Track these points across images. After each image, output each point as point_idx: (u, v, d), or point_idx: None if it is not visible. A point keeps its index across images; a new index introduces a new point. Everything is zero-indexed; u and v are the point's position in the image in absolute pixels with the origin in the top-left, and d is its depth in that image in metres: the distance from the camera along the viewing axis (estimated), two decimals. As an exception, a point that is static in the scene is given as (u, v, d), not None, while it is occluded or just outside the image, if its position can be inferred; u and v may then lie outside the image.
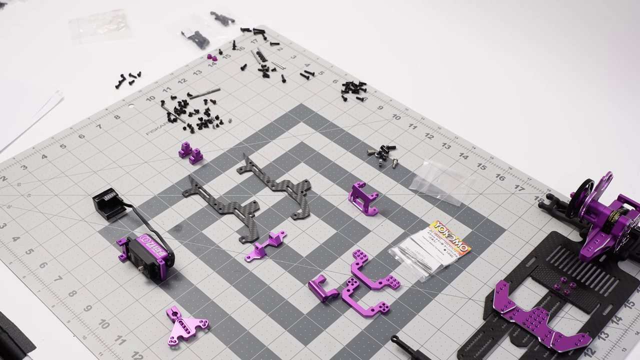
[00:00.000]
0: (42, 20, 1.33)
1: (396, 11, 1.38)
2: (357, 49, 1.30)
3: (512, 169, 1.07)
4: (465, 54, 1.29)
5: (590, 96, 1.20)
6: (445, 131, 1.13)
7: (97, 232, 0.97)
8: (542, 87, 1.22)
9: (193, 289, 0.91)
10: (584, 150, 1.12)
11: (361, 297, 0.91)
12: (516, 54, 1.27)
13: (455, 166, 1.07)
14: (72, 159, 1.07)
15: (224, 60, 1.25)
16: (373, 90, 1.20)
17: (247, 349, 0.85)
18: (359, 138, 1.11)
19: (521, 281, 0.93)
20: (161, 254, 0.90)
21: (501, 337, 0.87)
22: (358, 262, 0.94)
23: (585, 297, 0.91)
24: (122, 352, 0.84)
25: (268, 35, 1.30)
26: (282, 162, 1.07)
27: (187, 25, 1.32)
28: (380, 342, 0.86)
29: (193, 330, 0.86)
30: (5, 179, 1.03)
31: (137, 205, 1.00)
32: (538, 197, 1.03)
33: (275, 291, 0.91)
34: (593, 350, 0.86)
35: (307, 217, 1.00)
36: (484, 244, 0.97)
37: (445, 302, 0.90)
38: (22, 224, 0.98)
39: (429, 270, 0.93)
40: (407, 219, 1.00)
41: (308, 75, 1.22)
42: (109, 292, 0.90)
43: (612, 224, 0.91)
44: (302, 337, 0.87)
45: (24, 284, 0.91)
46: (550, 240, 0.97)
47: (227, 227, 0.98)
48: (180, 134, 1.11)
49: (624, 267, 0.94)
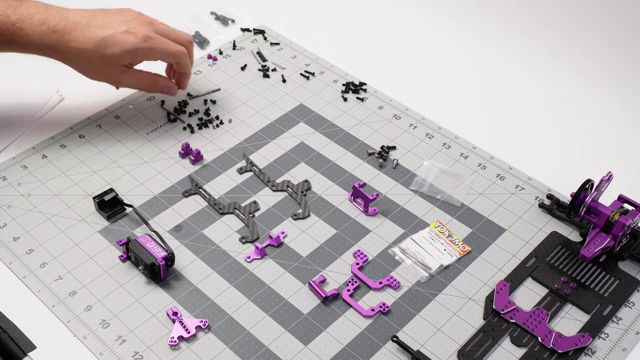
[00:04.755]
0: (42, 20, 1.33)
1: (396, 11, 1.38)
2: (357, 49, 1.30)
3: (512, 169, 1.07)
4: (466, 54, 1.29)
5: (591, 96, 1.20)
6: (445, 131, 1.13)
7: (97, 232, 0.97)
8: (542, 87, 1.22)
9: (193, 289, 0.91)
10: (584, 150, 1.12)
11: (361, 297, 0.91)
12: (516, 54, 1.27)
13: (455, 166, 1.07)
14: (72, 159, 1.07)
15: (224, 60, 1.25)
16: (373, 90, 1.20)
17: (247, 349, 0.85)
18: (359, 138, 1.11)
19: (521, 281, 0.93)
20: (161, 254, 0.90)
21: (501, 337, 0.87)
22: (358, 262, 0.94)
23: (585, 297, 0.91)
24: (122, 352, 0.84)
25: (268, 35, 1.31)
26: (282, 162, 1.07)
27: (187, 25, 1.32)
28: (381, 342, 0.86)
29: (193, 330, 0.86)
30: (5, 179, 1.03)
31: (137, 205, 1.00)
32: (538, 197, 1.03)
33: (275, 291, 0.91)
34: (593, 350, 0.86)
35: (307, 217, 1.00)
36: (484, 244, 0.97)
37: (446, 302, 0.90)
38: (22, 224, 0.98)
39: (429, 270, 0.93)
40: (407, 219, 1.00)
41: (308, 75, 1.22)
42: (109, 292, 0.90)
43: (612, 224, 0.91)
44: (302, 337, 0.87)
45: (24, 284, 0.91)
46: (550, 240, 0.97)
47: (227, 227, 0.98)
48: (180, 134, 1.11)
49: (624, 267, 0.94)
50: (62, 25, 0.99)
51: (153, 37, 1.02)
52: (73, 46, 1.00)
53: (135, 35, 1.01)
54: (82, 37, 0.99)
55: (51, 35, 0.99)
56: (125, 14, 1.04)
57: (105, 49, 1.00)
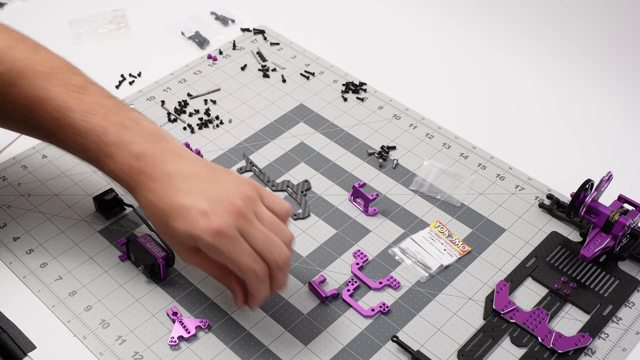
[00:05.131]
0: (42, 21, 1.33)
1: (396, 11, 1.38)
2: (357, 49, 1.30)
3: (512, 169, 1.07)
4: (466, 54, 1.29)
5: (591, 96, 1.20)
6: (445, 131, 1.13)
7: (97, 232, 0.97)
8: (542, 87, 1.22)
9: (193, 289, 0.91)
10: (584, 150, 1.12)
11: (361, 297, 0.91)
12: (516, 54, 1.27)
13: (455, 166, 1.07)
14: (72, 159, 1.06)
15: (224, 60, 1.25)
16: (373, 90, 1.20)
17: (247, 349, 0.85)
18: (359, 138, 1.11)
19: (521, 281, 0.93)
20: (161, 254, 0.90)
21: (501, 337, 0.87)
22: (358, 262, 0.94)
23: (585, 297, 0.91)
24: (122, 352, 0.84)
25: (268, 35, 1.31)
26: (282, 162, 1.07)
27: (187, 25, 1.32)
28: (381, 342, 0.86)
29: (193, 330, 0.86)
30: (5, 179, 1.03)
31: (137, 205, 1.00)
32: (538, 197, 1.03)
33: (275, 291, 0.91)
34: (593, 350, 0.86)
35: (307, 217, 1.00)
36: (484, 244, 0.97)
37: (446, 302, 0.90)
38: (22, 224, 0.98)
39: (429, 270, 0.93)
40: (407, 219, 1.00)
41: (308, 75, 1.22)
42: (109, 292, 0.90)
43: (612, 224, 0.91)
44: (302, 337, 0.87)
45: (24, 284, 0.91)
46: (550, 240, 0.97)
47: (227, 227, 0.98)
48: (180, 134, 1.11)
49: (624, 267, 0.94)
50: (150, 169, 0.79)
51: (228, 236, 0.76)
52: (146, 197, 0.79)
53: (209, 222, 0.75)
54: (161, 193, 0.78)
55: (135, 174, 0.79)
56: (236, 183, 0.80)
57: (169, 220, 0.77)
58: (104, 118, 0.80)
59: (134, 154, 0.79)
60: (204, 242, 0.76)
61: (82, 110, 0.80)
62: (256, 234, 0.77)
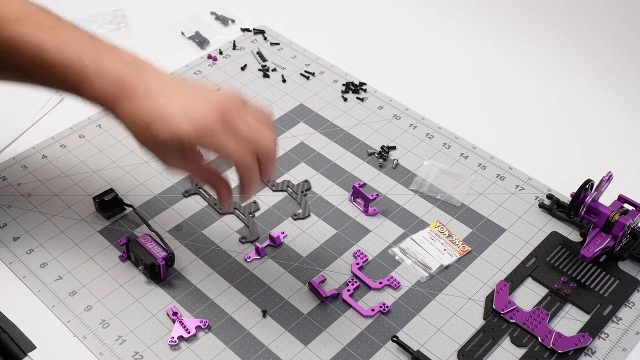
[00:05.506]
0: (42, 20, 1.33)
1: (396, 11, 1.38)
2: (357, 49, 1.30)
3: (512, 169, 1.07)
4: (466, 54, 1.29)
5: (591, 96, 1.20)
6: (445, 131, 1.13)
7: (97, 232, 0.97)
8: (542, 87, 1.22)
9: (193, 289, 0.91)
10: (584, 150, 1.12)
11: (361, 297, 0.91)
12: (516, 54, 1.27)
13: (455, 166, 1.07)
14: (72, 159, 1.07)
15: (224, 60, 1.25)
16: (373, 90, 1.20)
17: (247, 349, 0.85)
18: (359, 138, 1.11)
19: (521, 281, 0.93)
20: (161, 254, 0.90)
21: (501, 337, 0.87)
22: (358, 262, 0.94)
23: (585, 297, 0.91)
24: (122, 352, 0.84)
25: (268, 35, 1.31)
26: (282, 162, 1.07)
27: (187, 25, 1.32)
28: (381, 342, 0.86)
29: (193, 330, 0.86)
30: (5, 179, 1.03)
31: (137, 205, 1.00)
32: (538, 197, 1.03)
33: (275, 291, 0.91)
34: (593, 350, 0.86)
35: (307, 217, 1.00)
36: (484, 244, 0.97)
37: (446, 302, 0.90)
38: (22, 224, 0.98)
39: (429, 270, 0.93)
40: (407, 219, 1.00)
41: (308, 75, 1.22)
42: (109, 292, 0.90)
43: (612, 224, 0.91)
44: (302, 337, 0.87)
45: (24, 284, 0.91)
46: (550, 240, 0.97)
47: (227, 227, 0.98)
48: (180, 134, 1.11)
49: (624, 267, 0.94)
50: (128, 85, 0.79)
51: (211, 128, 0.76)
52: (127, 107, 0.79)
53: (191, 119, 0.75)
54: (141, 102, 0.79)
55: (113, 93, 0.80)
56: (218, 91, 0.81)
57: (151, 126, 0.77)
58: (80, 49, 0.81)
59: (113, 79, 0.79)
60: (188, 140, 0.75)
61: (56, 46, 0.82)
62: (240, 122, 0.77)
